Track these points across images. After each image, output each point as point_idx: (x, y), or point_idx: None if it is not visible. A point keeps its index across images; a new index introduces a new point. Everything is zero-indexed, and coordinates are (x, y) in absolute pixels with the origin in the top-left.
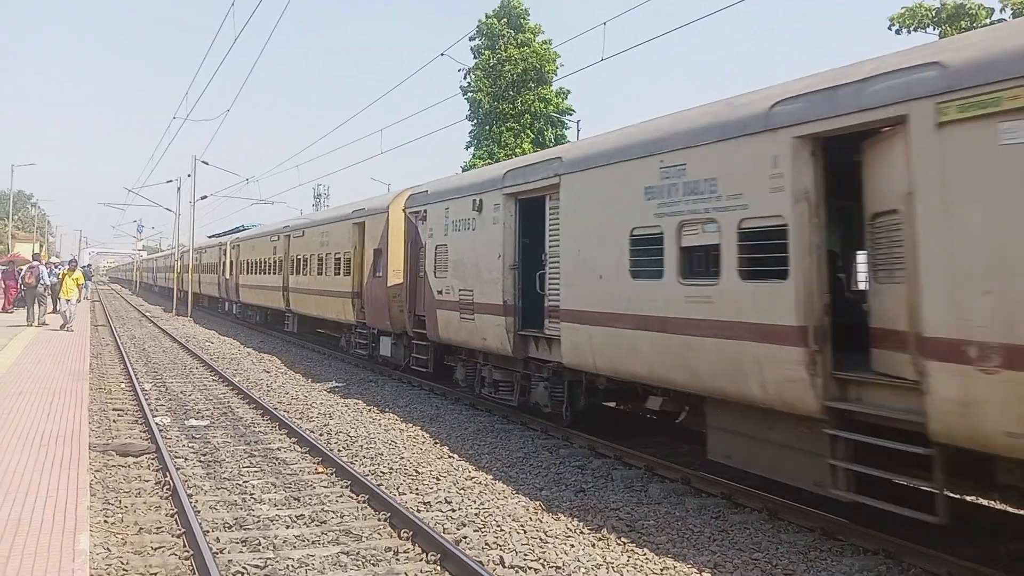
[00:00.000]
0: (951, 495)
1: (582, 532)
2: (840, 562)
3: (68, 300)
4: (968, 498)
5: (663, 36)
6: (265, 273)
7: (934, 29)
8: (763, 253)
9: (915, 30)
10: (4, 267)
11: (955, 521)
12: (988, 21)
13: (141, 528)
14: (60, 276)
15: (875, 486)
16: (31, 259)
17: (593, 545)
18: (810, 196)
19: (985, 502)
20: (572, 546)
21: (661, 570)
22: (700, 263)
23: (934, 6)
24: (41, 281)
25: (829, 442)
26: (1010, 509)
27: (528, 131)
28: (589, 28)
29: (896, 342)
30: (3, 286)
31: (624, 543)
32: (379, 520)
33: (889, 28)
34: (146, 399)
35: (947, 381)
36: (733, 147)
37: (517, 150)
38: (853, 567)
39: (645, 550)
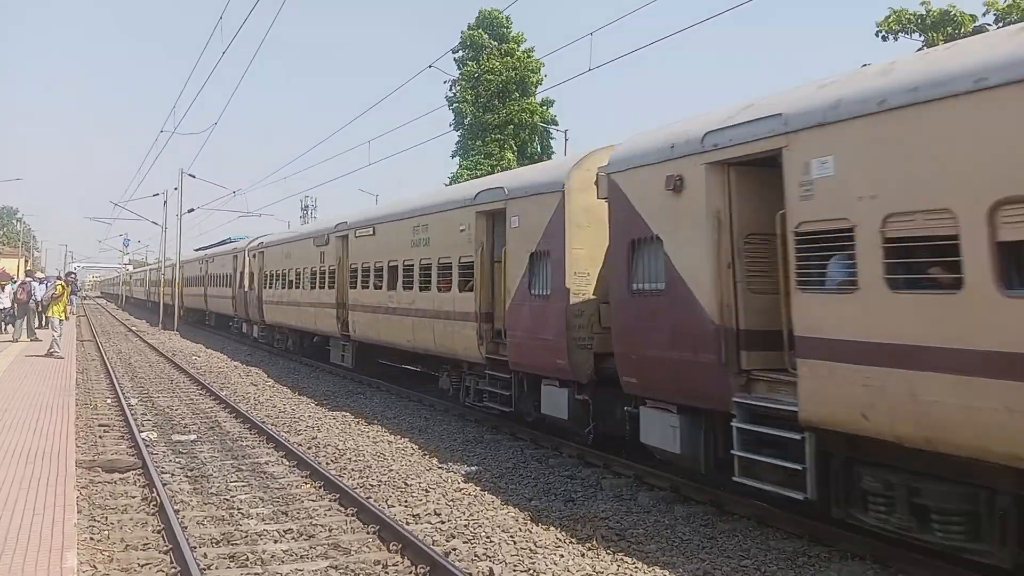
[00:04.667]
0: None
1: (571, 542)
2: (828, 567)
3: (60, 320)
4: None
5: (650, 46)
6: None
7: (920, 35)
8: None
9: (901, 35)
10: None
11: None
12: (972, 28)
13: (128, 545)
14: (58, 289)
15: None
16: (24, 275)
17: (583, 555)
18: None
19: None
20: (562, 556)
21: None
22: None
23: (919, 12)
24: (32, 297)
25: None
26: None
27: (512, 141)
28: (576, 39)
29: None
30: None
31: (614, 552)
32: (368, 533)
33: (876, 34)
34: (132, 414)
35: None
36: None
37: (502, 161)
38: (841, 572)
39: (634, 559)
